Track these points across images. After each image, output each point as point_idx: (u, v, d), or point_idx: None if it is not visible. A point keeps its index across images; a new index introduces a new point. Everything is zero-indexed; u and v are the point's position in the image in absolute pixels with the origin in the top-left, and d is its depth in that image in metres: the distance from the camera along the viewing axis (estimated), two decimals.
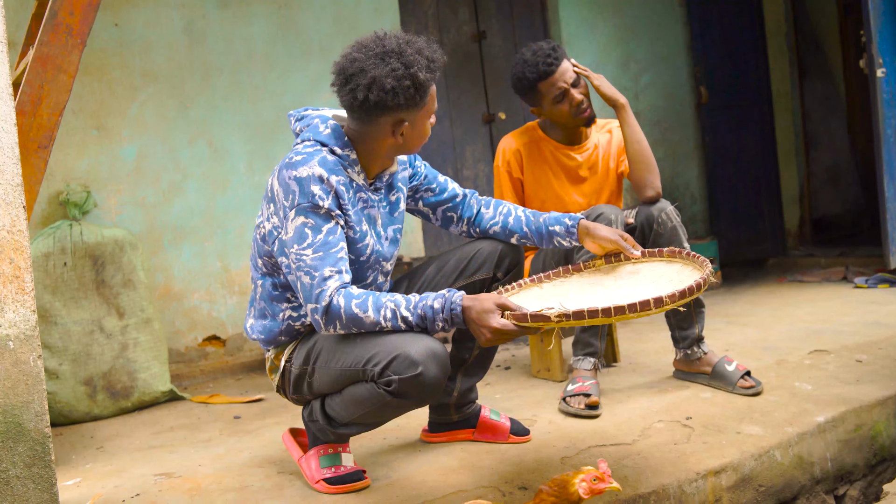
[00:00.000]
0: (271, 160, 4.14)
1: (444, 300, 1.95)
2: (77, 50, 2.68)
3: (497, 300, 1.92)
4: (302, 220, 2.01)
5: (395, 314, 1.96)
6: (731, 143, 5.91)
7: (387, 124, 2.10)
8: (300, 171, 2.03)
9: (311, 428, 2.25)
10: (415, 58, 2.05)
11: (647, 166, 2.87)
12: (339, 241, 2.03)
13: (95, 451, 2.85)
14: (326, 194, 2.02)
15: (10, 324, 1.82)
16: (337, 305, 1.96)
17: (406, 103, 2.05)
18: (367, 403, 2.05)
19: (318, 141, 2.12)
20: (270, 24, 4.18)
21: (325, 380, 2.12)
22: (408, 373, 1.93)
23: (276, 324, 2.22)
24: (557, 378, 3.16)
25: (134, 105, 3.80)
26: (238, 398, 3.40)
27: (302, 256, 1.99)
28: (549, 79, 2.89)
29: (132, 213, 3.78)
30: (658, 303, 1.80)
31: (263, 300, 2.24)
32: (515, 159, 3.07)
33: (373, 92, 2.01)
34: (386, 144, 2.15)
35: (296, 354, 2.20)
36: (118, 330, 3.38)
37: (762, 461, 2.41)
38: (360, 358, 2.01)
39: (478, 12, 5.01)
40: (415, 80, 2.04)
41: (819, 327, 3.71)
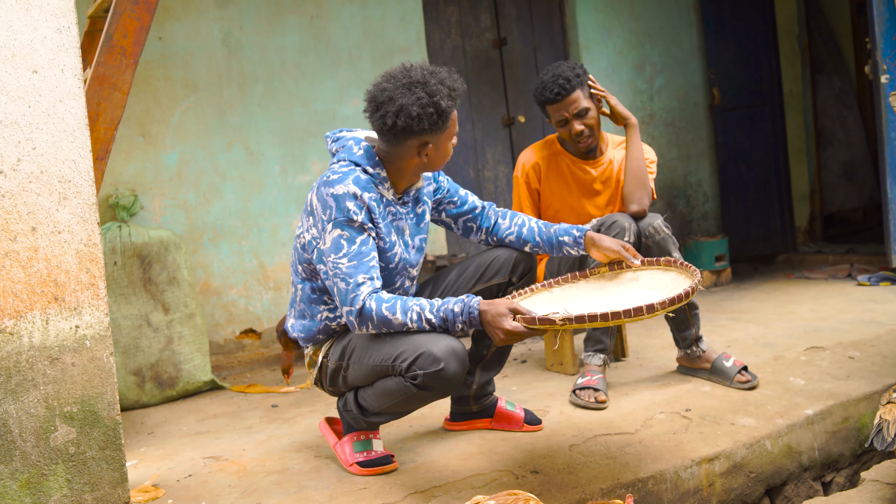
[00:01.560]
0: (303, 163, 4.41)
1: (463, 305, 2.20)
2: (130, 69, 2.94)
3: (510, 305, 2.16)
4: (339, 233, 2.26)
5: (420, 316, 2.21)
6: (743, 142, 6.09)
7: (413, 146, 2.35)
8: (336, 189, 2.28)
9: (346, 417, 2.52)
10: (438, 87, 2.29)
11: (640, 183, 3.10)
12: (371, 252, 2.28)
13: (147, 437, 3.13)
14: (360, 210, 2.27)
15: (88, 325, 2.09)
16: (369, 308, 2.21)
17: (430, 128, 2.30)
18: (395, 395, 2.30)
19: (353, 161, 2.38)
20: (302, 35, 4.43)
21: (359, 374, 2.38)
22: (431, 368, 2.19)
23: (315, 324, 2.48)
24: (569, 371, 3.40)
25: (176, 113, 4.07)
26: (274, 388, 3.67)
27: (338, 265, 2.25)
28: (554, 105, 3.12)
29: (175, 214, 4.06)
30: (650, 309, 2.03)
31: (303, 302, 2.50)
32: (534, 172, 3.30)
33: (400, 118, 2.27)
34: (412, 164, 2.40)
35: (332, 351, 2.46)
36: (164, 324, 3.66)
37: (753, 450, 2.64)
38: (389, 355, 2.26)
39: (499, 19, 5.23)
40: (438, 108, 2.28)
41: (818, 325, 3.92)
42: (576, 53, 5.45)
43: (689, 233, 5.87)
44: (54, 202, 2.05)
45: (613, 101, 3.18)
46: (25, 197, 2.00)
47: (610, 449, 2.56)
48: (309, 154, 4.43)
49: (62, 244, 2.06)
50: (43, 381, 2.01)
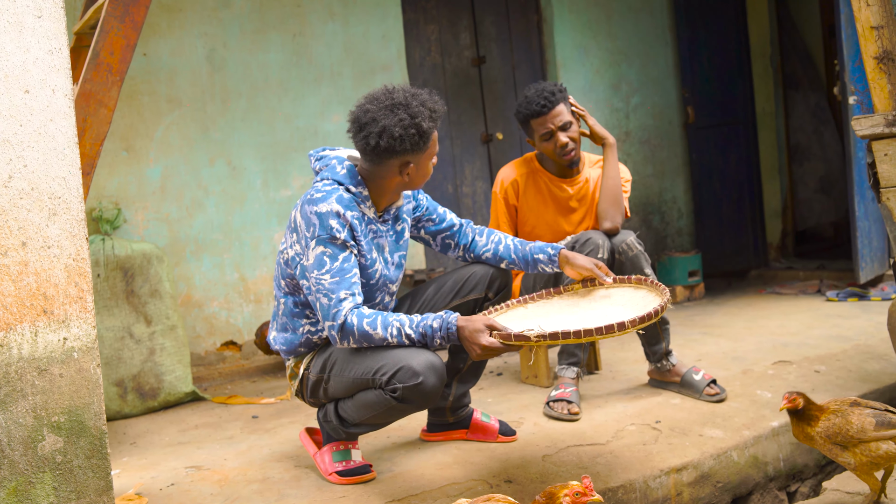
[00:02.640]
0: (285, 178, 4.48)
1: (441, 321, 2.28)
2: (116, 86, 3.00)
3: (486, 321, 2.24)
4: (321, 250, 2.33)
5: (399, 332, 2.29)
6: (717, 160, 6.23)
7: (395, 166, 2.43)
8: (320, 207, 2.35)
9: (326, 427, 2.59)
10: (419, 109, 2.37)
11: (614, 201, 3.21)
12: (352, 268, 2.35)
13: (129, 447, 3.18)
14: (342, 228, 2.35)
15: (75, 337, 2.15)
16: (350, 324, 2.29)
17: (412, 148, 2.39)
18: (375, 407, 2.38)
19: (336, 180, 2.45)
20: (285, 52, 4.51)
21: (339, 386, 2.45)
22: (410, 381, 2.26)
23: (297, 337, 2.55)
24: (544, 384, 3.49)
25: (160, 128, 4.14)
26: (255, 399, 3.73)
27: (321, 280, 2.32)
28: (539, 118, 3.21)
29: (157, 227, 4.12)
30: (621, 327, 2.12)
31: (285, 316, 2.57)
32: (512, 188, 3.39)
33: (383, 139, 2.35)
34: (394, 182, 2.48)
35: (313, 364, 2.54)
36: (146, 336, 3.71)
37: (720, 460, 2.74)
38: (369, 368, 2.34)
39: (478, 38, 5.34)
40: (419, 129, 2.37)
41: (786, 339, 4.03)
42: (553, 72, 5.56)
43: (663, 248, 5.99)
44: (44, 218, 2.11)
45: (592, 121, 3.29)
46: (16, 213, 2.06)
47: (582, 459, 2.64)
48: (290, 169, 4.50)
49: (51, 259, 2.12)
50: (31, 392, 2.07)
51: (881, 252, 5.23)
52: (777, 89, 6.66)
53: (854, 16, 2.84)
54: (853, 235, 5.04)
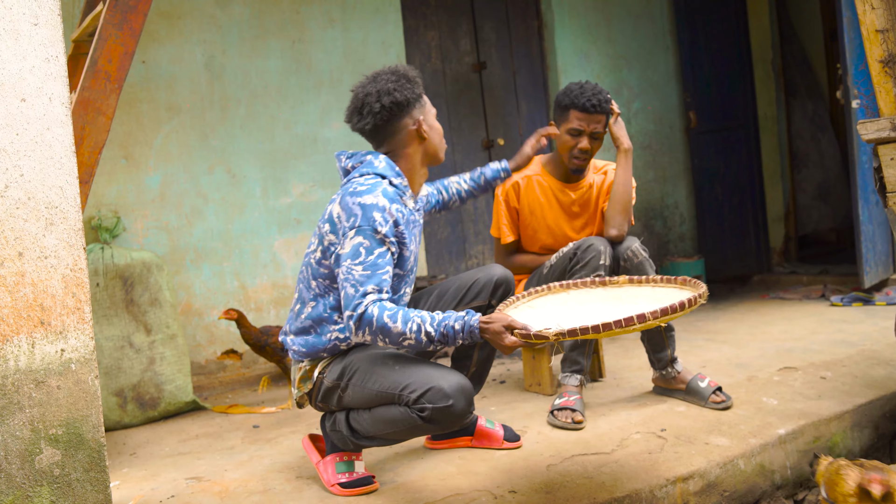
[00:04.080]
0: (284, 185, 4.46)
1: (463, 323, 2.22)
2: (114, 94, 2.98)
3: (505, 322, 2.18)
4: (360, 240, 2.31)
5: (420, 328, 2.22)
6: (719, 165, 6.20)
7: (408, 126, 2.49)
8: (365, 199, 2.35)
9: (332, 437, 2.55)
10: (395, 68, 2.51)
11: (623, 208, 3.17)
12: (386, 266, 2.32)
13: (129, 457, 3.15)
14: (385, 222, 2.34)
15: (73, 348, 2.12)
16: (370, 314, 2.23)
17: (410, 96, 2.47)
18: (397, 424, 2.34)
19: (378, 174, 2.46)
20: (285, 59, 4.49)
21: (358, 397, 2.40)
22: (440, 403, 2.23)
23: (321, 342, 2.49)
24: (547, 392, 3.46)
25: (159, 136, 4.11)
26: (256, 408, 3.70)
27: (352, 270, 2.29)
28: (582, 113, 3.18)
29: (157, 236, 4.09)
30: (641, 319, 2.02)
31: (311, 319, 2.50)
32: (513, 191, 3.36)
33: (383, 98, 2.43)
34: (418, 152, 2.53)
35: (330, 369, 2.48)
36: (146, 345, 3.68)
37: (727, 469, 2.70)
38: (396, 383, 2.30)
39: (478, 44, 5.32)
40: (406, 77, 2.48)
41: (791, 345, 4.00)
42: (554, 77, 5.54)
43: (665, 254, 5.96)
44: (41, 228, 2.09)
45: (616, 124, 3.24)
46: (13, 223, 2.03)
47: (587, 469, 2.61)
48: (290, 177, 4.48)
49: (48, 269, 2.09)
50: (28, 404, 2.04)
51: (885, 256, 5.20)
52: (779, 93, 6.64)
53: (859, 19, 2.82)
54: (857, 240, 5.01)
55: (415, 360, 2.36)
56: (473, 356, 2.74)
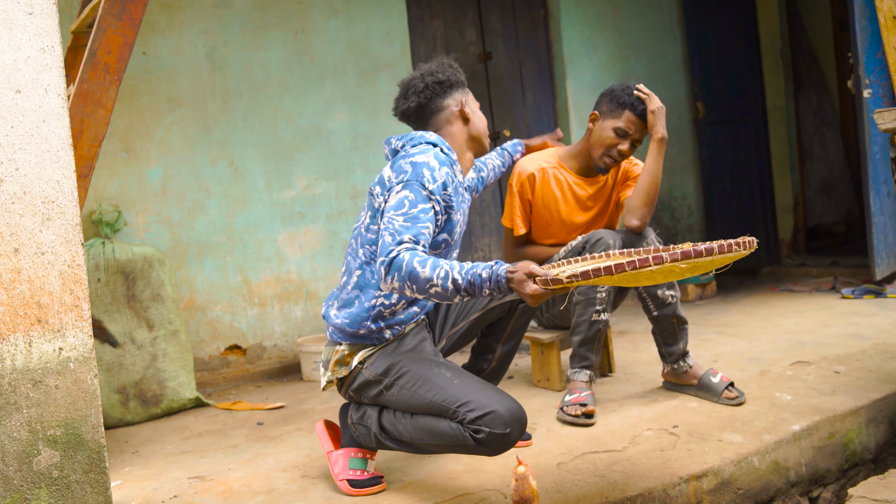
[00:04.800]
0: (288, 178, 4.40)
1: (490, 271, 2.13)
2: (114, 86, 2.93)
3: (527, 269, 2.09)
4: (406, 193, 2.28)
5: (447, 275, 2.12)
6: (727, 155, 6.13)
7: (452, 107, 2.51)
8: (417, 158, 2.34)
9: (356, 430, 2.48)
10: (440, 58, 2.58)
11: (648, 199, 3.07)
12: (427, 221, 2.26)
13: (132, 456, 3.10)
14: (433, 181, 2.31)
15: (71, 347, 2.07)
16: (401, 259, 2.15)
17: (453, 78, 2.52)
18: (445, 438, 2.26)
19: (430, 143, 2.45)
20: (287, 50, 4.42)
21: (405, 400, 2.33)
22: (498, 430, 2.16)
23: (364, 310, 2.42)
24: (556, 387, 3.40)
25: (160, 128, 4.05)
26: (260, 405, 3.65)
27: (393, 220, 2.24)
28: (636, 117, 3.09)
29: (158, 230, 4.03)
30: (658, 260, 1.85)
31: (357, 288, 2.45)
32: (529, 182, 3.28)
33: (426, 78, 2.49)
34: (462, 132, 2.53)
35: (373, 361, 2.41)
36: (148, 341, 3.63)
37: (741, 466, 2.64)
38: (453, 398, 2.23)
39: (484, 34, 5.24)
40: (450, 63, 2.55)
41: (803, 339, 3.94)
42: (561, 67, 5.47)
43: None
44: (38, 223, 2.03)
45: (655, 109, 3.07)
46: (8, 218, 1.97)
47: (598, 467, 2.55)
48: (294, 169, 4.42)
49: (45, 265, 2.04)
50: (26, 405, 1.99)
51: None
52: (787, 84, 6.56)
53: (876, 6, 2.75)
54: (868, 231, 4.94)
55: (470, 375, 2.31)
56: (497, 350, 2.69)
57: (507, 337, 2.69)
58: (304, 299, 4.43)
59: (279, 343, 4.35)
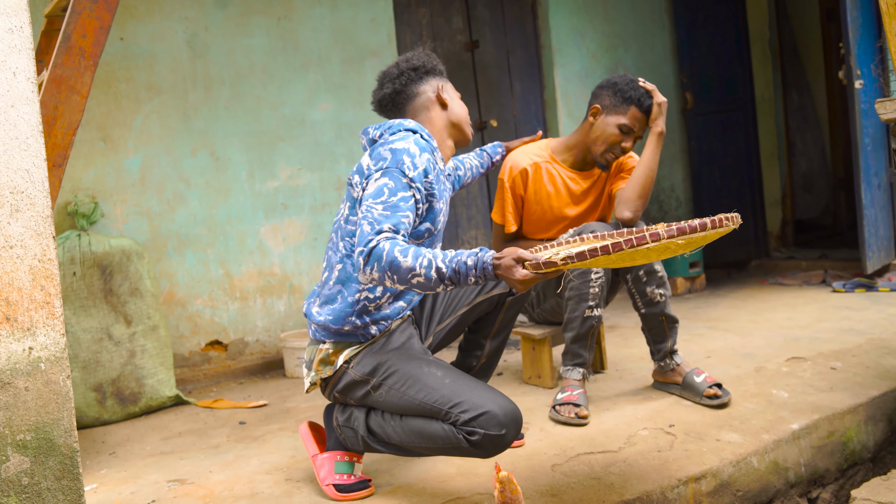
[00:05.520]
0: (271, 168, 4.27)
1: (476, 258, 2.03)
2: (89, 71, 2.81)
3: (515, 255, 2.00)
4: (385, 181, 2.17)
5: (430, 264, 2.02)
6: (716, 147, 6.06)
7: (428, 93, 2.44)
8: (396, 145, 2.24)
9: (341, 433, 2.37)
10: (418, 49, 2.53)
11: (643, 192, 2.97)
12: (407, 209, 2.16)
13: (108, 457, 2.98)
14: (414, 167, 2.20)
15: (42, 346, 1.95)
16: (381, 248, 2.04)
17: (429, 65, 2.46)
18: (437, 441, 2.16)
19: (409, 129, 2.35)
20: (270, 37, 4.29)
21: (393, 401, 2.22)
22: (493, 431, 2.06)
23: (347, 305, 2.30)
24: (548, 385, 3.31)
25: (139, 117, 3.92)
26: (242, 403, 3.54)
27: (372, 209, 2.13)
28: (640, 113, 2.98)
29: (137, 222, 3.90)
30: (655, 237, 1.81)
31: (339, 283, 2.33)
32: (521, 178, 3.16)
33: (400, 66, 2.44)
34: (440, 118, 2.45)
35: (360, 359, 2.30)
36: (126, 337, 3.50)
37: (740, 467, 2.57)
38: (444, 399, 2.13)
39: (471, 22, 5.13)
40: (427, 53, 2.49)
41: (797, 333, 3.87)
42: (548, 56, 5.37)
43: None
44: (5, 215, 1.91)
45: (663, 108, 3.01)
46: None
47: (594, 468, 2.47)
48: (277, 159, 4.30)
49: (14, 260, 1.92)
50: None
51: (888, 241, 5.08)
52: (776, 74, 6.49)
53: None
54: (860, 224, 4.88)
55: (461, 373, 2.21)
56: (486, 346, 2.60)
57: (496, 332, 2.60)
58: (287, 293, 4.32)
59: (261, 338, 4.24)
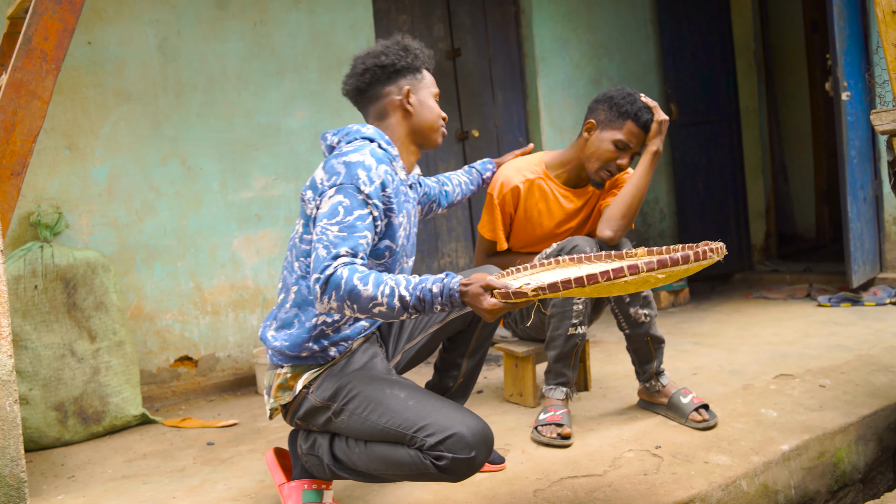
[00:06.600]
0: (245, 178, 4.14)
1: (441, 285, 1.92)
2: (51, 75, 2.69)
3: (483, 282, 1.89)
4: (339, 199, 2.04)
5: (393, 292, 1.91)
6: (700, 158, 5.98)
7: (394, 94, 2.27)
8: (350, 157, 2.09)
9: (307, 460, 2.23)
10: (401, 37, 2.32)
11: (629, 212, 2.84)
12: (365, 229, 2.03)
13: (67, 481, 2.83)
14: (370, 182, 2.06)
15: None
16: (339, 276, 1.93)
17: (399, 63, 2.25)
18: (403, 467, 2.01)
19: (366, 137, 2.21)
20: (245, 42, 4.17)
21: (356, 427, 2.08)
22: (462, 454, 1.92)
23: (304, 331, 2.18)
24: (530, 404, 3.19)
25: (107, 124, 3.78)
26: (211, 422, 3.39)
27: (327, 230, 2.00)
28: (637, 128, 2.84)
29: (104, 233, 3.76)
30: (633, 269, 1.72)
31: (295, 306, 2.20)
32: (512, 196, 3.01)
33: (367, 62, 2.26)
34: (402, 126, 2.28)
35: (319, 383, 2.17)
36: (90, 354, 3.36)
37: (729, 491, 2.46)
38: (409, 423, 1.98)
39: (452, 30, 5.03)
40: (403, 47, 2.27)
41: (784, 349, 3.78)
42: (532, 66, 5.28)
43: None
44: None
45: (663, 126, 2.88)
46: None
47: (577, 494, 2.35)
48: (251, 169, 4.17)
49: None
50: None
51: (873, 255, 5.01)
52: (760, 86, 6.43)
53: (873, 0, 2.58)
54: (845, 238, 4.81)
55: (426, 393, 2.07)
56: (462, 365, 2.48)
57: (473, 350, 2.48)
58: (260, 307, 4.18)
59: (233, 354, 4.10)
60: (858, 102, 4.79)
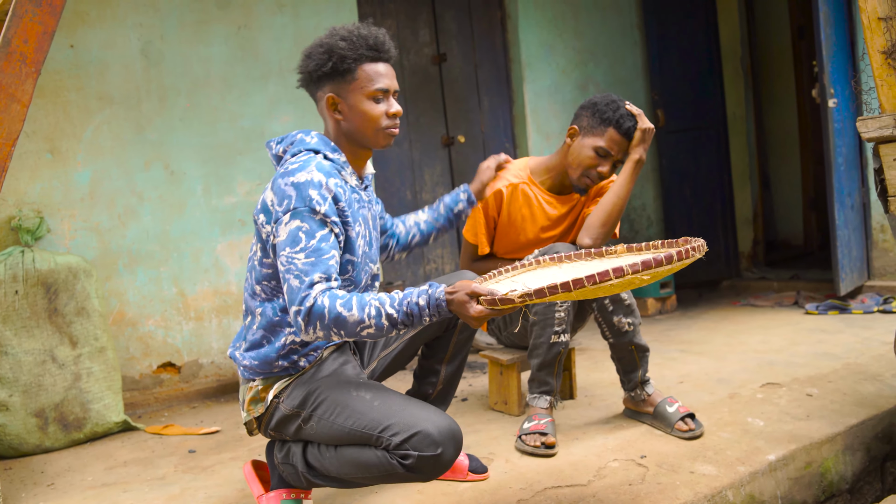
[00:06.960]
0: (228, 183, 4.11)
1: (427, 297, 1.91)
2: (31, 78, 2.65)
3: (468, 289, 1.88)
4: (297, 224, 1.98)
5: (379, 312, 1.90)
6: (688, 165, 5.97)
7: (323, 101, 2.17)
8: (298, 177, 2.02)
9: (282, 470, 2.21)
10: (344, 34, 2.12)
11: (609, 220, 2.84)
12: (331, 249, 1.99)
13: (46, 489, 2.79)
14: (324, 200, 2.01)
15: None
16: (321, 305, 1.90)
17: (322, 69, 2.12)
18: (371, 469, 1.99)
19: (310, 149, 2.14)
20: (229, 46, 4.14)
21: (325, 432, 2.06)
22: (427, 451, 1.90)
23: (275, 350, 2.14)
24: (515, 412, 3.17)
25: (89, 128, 3.74)
26: (193, 429, 3.35)
27: (293, 259, 1.96)
28: (619, 136, 2.83)
29: (86, 238, 3.72)
30: (618, 272, 1.71)
31: (262, 328, 2.16)
32: (495, 201, 3.00)
33: (301, 63, 2.17)
34: (336, 130, 2.19)
35: (290, 393, 2.14)
36: (71, 360, 3.31)
37: (715, 502, 2.43)
38: (374, 423, 1.96)
39: (438, 35, 5.01)
40: (329, 48, 2.11)
41: (772, 357, 3.77)
42: (518, 71, 5.26)
43: None
44: None
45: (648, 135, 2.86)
46: None
47: None
48: (235, 174, 4.13)
49: None
50: None
51: (860, 262, 5.01)
52: (748, 92, 6.43)
53: (859, 6, 2.57)
54: (833, 245, 4.80)
55: (394, 393, 2.04)
56: (441, 372, 2.46)
57: (451, 356, 2.45)
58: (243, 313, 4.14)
59: (217, 360, 4.06)
60: (845, 109, 4.79)
